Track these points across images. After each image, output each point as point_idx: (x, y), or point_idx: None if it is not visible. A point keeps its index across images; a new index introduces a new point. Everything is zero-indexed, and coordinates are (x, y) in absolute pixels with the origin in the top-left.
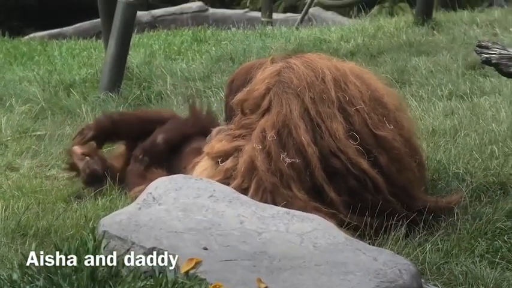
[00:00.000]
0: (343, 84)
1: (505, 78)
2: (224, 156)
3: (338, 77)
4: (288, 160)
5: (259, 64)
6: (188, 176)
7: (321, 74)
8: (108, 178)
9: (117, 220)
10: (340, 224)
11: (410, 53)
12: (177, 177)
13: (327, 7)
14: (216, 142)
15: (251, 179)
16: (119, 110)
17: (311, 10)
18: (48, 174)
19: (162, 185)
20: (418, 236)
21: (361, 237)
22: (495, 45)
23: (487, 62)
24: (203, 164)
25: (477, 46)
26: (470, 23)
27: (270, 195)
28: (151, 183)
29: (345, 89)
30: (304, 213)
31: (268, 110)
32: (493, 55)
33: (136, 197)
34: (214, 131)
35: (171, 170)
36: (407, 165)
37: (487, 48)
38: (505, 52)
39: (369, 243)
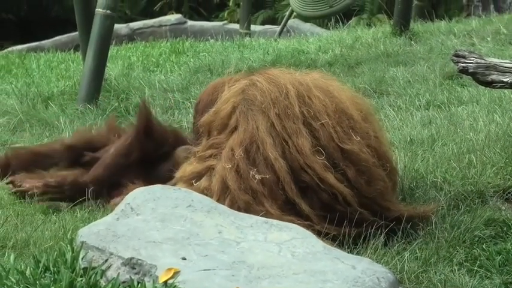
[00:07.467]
0: (307, 98)
1: (482, 87)
2: (198, 177)
3: (301, 92)
4: (257, 176)
5: (222, 83)
6: (166, 186)
7: (284, 90)
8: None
9: (95, 231)
10: (317, 234)
11: (388, 63)
12: (155, 188)
13: (305, 19)
14: (188, 165)
15: (225, 197)
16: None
17: (290, 22)
18: None
19: (140, 196)
20: (397, 245)
21: (340, 246)
22: (472, 54)
23: (464, 71)
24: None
25: (454, 55)
26: (447, 33)
27: (245, 213)
28: (129, 194)
29: (309, 103)
30: (283, 223)
31: (235, 128)
32: (470, 64)
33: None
34: (180, 150)
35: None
36: (376, 176)
37: (464, 57)
38: (482, 61)
39: (348, 253)
